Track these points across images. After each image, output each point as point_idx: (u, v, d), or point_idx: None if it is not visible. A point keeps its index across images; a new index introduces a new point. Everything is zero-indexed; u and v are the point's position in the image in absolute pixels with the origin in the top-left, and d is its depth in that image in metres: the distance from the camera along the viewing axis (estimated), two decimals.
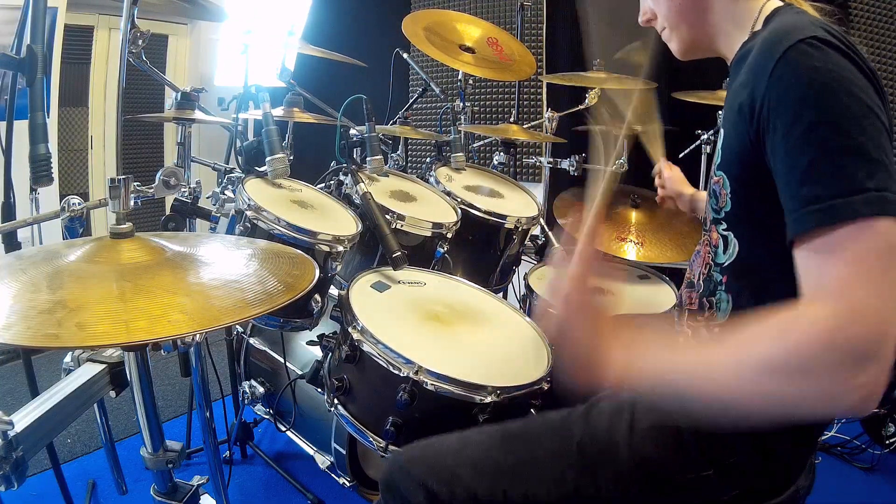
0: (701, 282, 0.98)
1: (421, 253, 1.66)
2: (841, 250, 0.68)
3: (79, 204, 1.23)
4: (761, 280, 0.88)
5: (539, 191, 2.81)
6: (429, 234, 1.64)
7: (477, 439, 0.99)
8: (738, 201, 0.88)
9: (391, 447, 1.18)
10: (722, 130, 0.90)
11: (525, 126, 2.55)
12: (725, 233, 0.91)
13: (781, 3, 0.91)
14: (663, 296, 1.87)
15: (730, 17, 0.94)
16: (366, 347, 1.18)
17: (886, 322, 0.65)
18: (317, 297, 1.46)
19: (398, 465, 0.99)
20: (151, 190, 1.35)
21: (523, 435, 0.99)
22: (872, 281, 0.66)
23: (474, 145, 2.74)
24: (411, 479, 0.96)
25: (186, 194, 1.45)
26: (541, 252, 2.12)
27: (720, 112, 2.27)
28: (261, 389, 1.97)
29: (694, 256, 1.09)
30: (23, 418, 0.89)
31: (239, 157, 1.59)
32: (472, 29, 2.26)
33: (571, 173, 2.39)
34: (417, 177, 1.96)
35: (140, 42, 1.46)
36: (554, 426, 1.00)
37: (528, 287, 1.87)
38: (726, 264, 0.92)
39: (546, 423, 1.01)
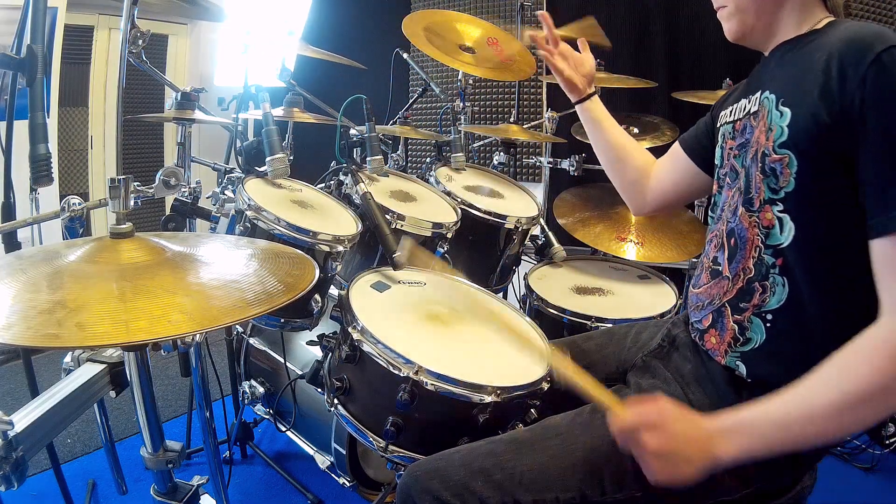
0: (750, 266, 0.95)
1: None
2: None
3: (79, 204, 1.23)
4: (823, 263, 0.88)
5: (539, 191, 2.82)
6: (429, 234, 1.64)
7: (486, 450, 1.00)
8: (806, 182, 0.87)
9: (391, 447, 1.18)
10: (783, 109, 0.90)
11: (525, 126, 2.55)
12: (781, 214, 0.90)
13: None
14: (663, 296, 1.87)
15: (795, 18, 0.96)
16: (366, 347, 1.18)
17: None
18: (317, 297, 1.46)
19: (413, 479, 1.00)
20: (151, 190, 1.35)
21: (531, 443, 1.00)
22: None
23: (474, 145, 2.74)
24: (426, 492, 0.97)
25: (186, 194, 1.45)
26: (541, 252, 2.12)
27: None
28: (261, 389, 1.97)
29: (707, 245, 1.07)
30: (23, 418, 0.89)
31: (239, 157, 1.59)
32: (472, 29, 2.26)
33: (571, 173, 2.39)
34: (417, 177, 1.96)
35: (140, 42, 1.46)
36: (559, 432, 1.00)
37: (528, 287, 1.87)
38: (783, 246, 0.90)
39: (552, 429, 1.02)
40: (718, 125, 1.14)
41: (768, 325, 0.93)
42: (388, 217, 1.54)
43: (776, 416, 0.82)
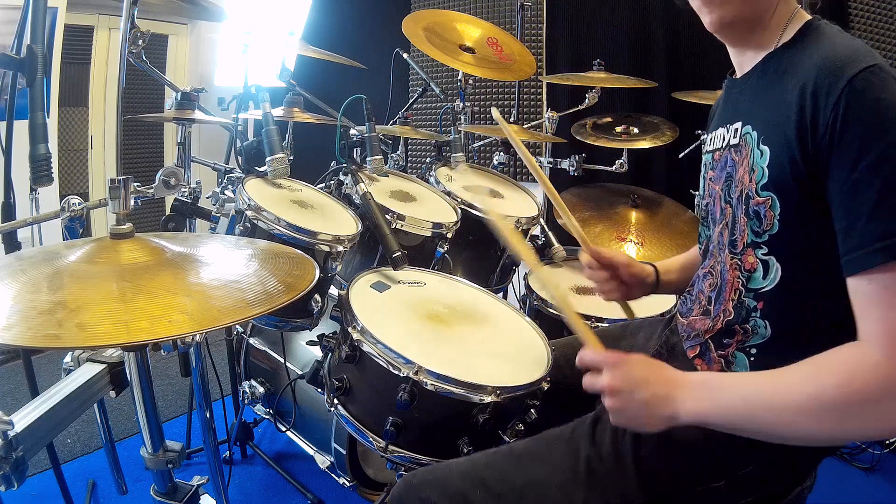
0: (730, 308, 0.94)
1: (421, 253, 1.66)
2: None
3: (79, 204, 1.23)
4: (809, 305, 0.85)
5: (539, 191, 2.81)
6: (429, 234, 1.64)
7: (486, 461, 0.99)
8: (789, 223, 0.84)
9: (391, 447, 1.18)
10: (763, 148, 0.86)
11: (525, 126, 2.56)
12: (766, 257, 0.87)
13: (809, 17, 0.90)
14: (664, 295, 1.87)
15: (775, 9, 0.90)
16: (366, 347, 1.18)
17: None
18: (317, 297, 1.46)
19: (409, 488, 0.98)
20: (151, 190, 1.35)
21: (531, 454, 0.98)
22: None
23: (474, 145, 2.74)
24: (421, 501, 0.95)
25: (186, 194, 1.45)
26: (541, 252, 2.12)
27: None
28: (261, 389, 1.97)
29: (700, 280, 1.04)
30: (23, 418, 0.89)
31: (239, 157, 1.59)
32: (472, 29, 2.26)
33: (571, 173, 2.39)
34: (417, 177, 1.96)
35: (140, 42, 1.46)
36: (561, 443, 0.99)
37: (528, 287, 1.87)
38: (765, 290, 0.88)
39: (553, 440, 1.00)
40: (703, 151, 1.09)
41: (752, 359, 0.91)
42: (388, 217, 1.54)
43: (744, 391, 0.82)
